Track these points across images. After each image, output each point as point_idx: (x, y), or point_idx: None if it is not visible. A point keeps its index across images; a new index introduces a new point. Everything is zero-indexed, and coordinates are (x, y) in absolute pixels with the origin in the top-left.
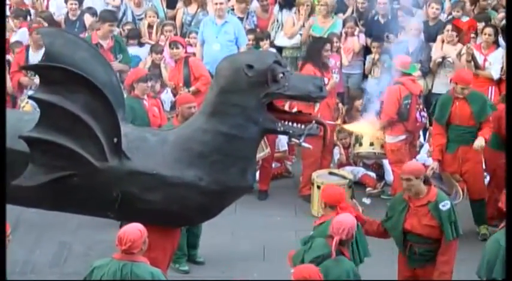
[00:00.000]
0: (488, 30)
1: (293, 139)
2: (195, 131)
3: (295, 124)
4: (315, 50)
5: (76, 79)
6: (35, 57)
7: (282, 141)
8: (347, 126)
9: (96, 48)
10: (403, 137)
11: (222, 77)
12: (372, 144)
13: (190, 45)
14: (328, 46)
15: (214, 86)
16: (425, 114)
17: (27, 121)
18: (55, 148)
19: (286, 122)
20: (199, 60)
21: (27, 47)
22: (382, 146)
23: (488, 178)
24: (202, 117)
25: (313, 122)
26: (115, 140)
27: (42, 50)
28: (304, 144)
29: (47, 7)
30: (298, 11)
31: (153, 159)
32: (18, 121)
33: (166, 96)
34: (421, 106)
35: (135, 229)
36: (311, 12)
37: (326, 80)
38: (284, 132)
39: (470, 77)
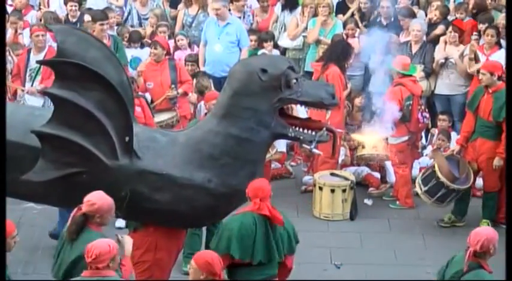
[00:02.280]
0: (491, 31)
1: (304, 145)
2: (207, 133)
3: (306, 130)
4: (344, 53)
5: (91, 76)
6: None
7: (280, 142)
8: (355, 136)
9: (108, 48)
10: (406, 138)
11: (235, 80)
12: (374, 146)
13: (179, 48)
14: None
15: (227, 89)
16: (427, 115)
17: (38, 116)
18: (66, 144)
19: (297, 128)
20: (183, 65)
21: (29, 50)
22: (385, 148)
23: None
24: (214, 119)
25: (324, 129)
26: (126, 138)
27: (43, 53)
28: (314, 150)
29: (48, 6)
30: (303, 12)
31: (163, 159)
32: (29, 116)
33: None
34: (422, 107)
35: (103, 243)
36: (314, 14)
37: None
38: (295, 138)
39: (494, 64)
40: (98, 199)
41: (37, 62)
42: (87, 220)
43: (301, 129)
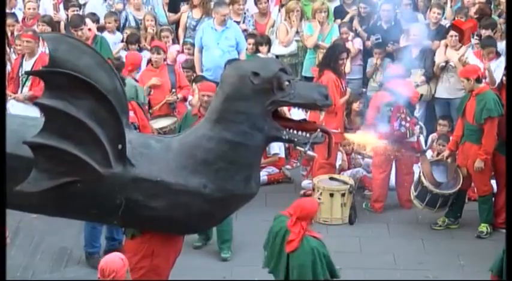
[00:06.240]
0: (489, 49)
1: (298, 147)
2: (200, 138)
3: (300, 132)
4: (333, 56)
5: (81, 85)
6: (28, 65)
7: (273, 145)
8: (349, 136)
9: (101, 55)
10: (383, 142)
11: (227, 84)
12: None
13: (182, 52)
14: (344, 54)
15: (220, 93)
16: (408, 124)
17: (30, 127)
18: (59, 153)
19: (291, 130)
20: (181, 70)
21: (23, 55)
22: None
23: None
24: (207, 124)
25: (318, 130)
26: (119, 146)
27: (35, 58)
28: (309, 152)
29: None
30: (289, 17)
31: (157, 166)
32: (22, 126)
33: None
34: (403, 115)
35: (116, 258)
36: (301, 17)
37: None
38: (289, 141)
39: (467, 69)
40: None
41: (25, 72)
42: None
43: (295, 132)
